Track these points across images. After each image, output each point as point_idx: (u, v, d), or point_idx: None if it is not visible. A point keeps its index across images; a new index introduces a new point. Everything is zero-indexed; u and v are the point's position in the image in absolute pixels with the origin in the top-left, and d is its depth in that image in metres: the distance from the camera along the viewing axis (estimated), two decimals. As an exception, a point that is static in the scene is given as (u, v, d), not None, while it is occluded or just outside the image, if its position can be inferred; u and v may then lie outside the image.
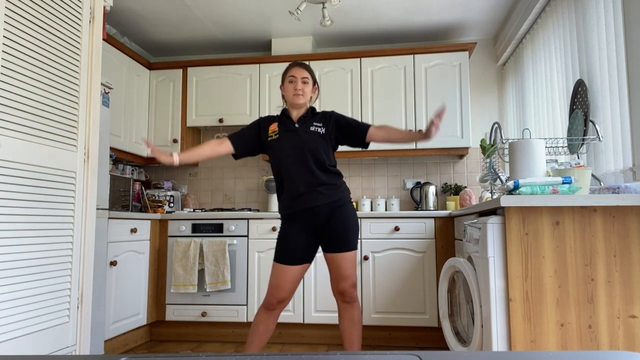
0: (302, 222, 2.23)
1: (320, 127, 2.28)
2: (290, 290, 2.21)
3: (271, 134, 2.30)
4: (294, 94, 2.27)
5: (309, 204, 2.20)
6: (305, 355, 0.58)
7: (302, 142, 2.23)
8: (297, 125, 2.28)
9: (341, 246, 2.20)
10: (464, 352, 0.59)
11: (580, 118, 2.39)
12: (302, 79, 2.28)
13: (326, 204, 2.21)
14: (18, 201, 1.87)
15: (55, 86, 2.06)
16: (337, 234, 2.20)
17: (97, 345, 2.72)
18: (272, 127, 2.31)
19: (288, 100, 2.31)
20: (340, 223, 2.21)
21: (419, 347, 3.24)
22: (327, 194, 2.21)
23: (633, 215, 1.66)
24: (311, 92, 2.33)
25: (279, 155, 2.25)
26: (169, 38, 4.07)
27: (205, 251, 3.36)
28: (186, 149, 4.02)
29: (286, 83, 2.30)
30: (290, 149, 2.23)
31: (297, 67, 2.29)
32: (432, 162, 4.02)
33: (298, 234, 2.22)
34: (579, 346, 1.64)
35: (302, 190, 2.20)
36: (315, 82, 2.36)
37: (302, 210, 2.21)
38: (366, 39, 4.10)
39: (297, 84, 2.26)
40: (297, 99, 2.27)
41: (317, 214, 2.21)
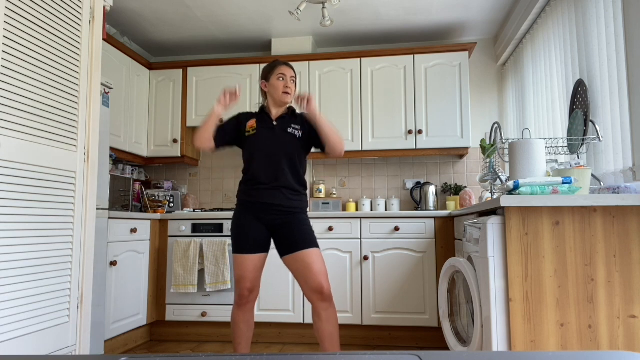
0: (258, 214, 2.25)
1: (297, 130, 2.31)
2: (255, 278, 2.23)
3: (249, 129, 2.31)
4: (283, 91, 2.27)
5: (270, 199, 2.23)
6: (305, 355, 0.58)
7: (278, 142, 2.26)
8: (275, 123, 2.29)
9: (304, 244, 2.19)
10: (464, 352, 0.59)
11: (580, 118, 2.39)
12: (291, 77, 2.30)
13: (286, 206, 2.24)
14: (18, 201, 1.87)
15: (55, 86, 2.06)
16: (297, 234, 2.21)
17: (97, 345, 2.72)
18: (250, 122, 2.32)
19: (275, 97, 2.30)
20: (298, 225, 2.23)
21: (419, 347, 3.24)
22: (290, 198, 2.25)
23: (633, 215, 1.66)
24: None
25: (253, 150, 2.27)
26: (169, 38, 4.07)
27: (205, 251, 3.36)
28: (186, 149, 4.02)
29: (273, 79, 2.30)
30: (265, 146, 2.25)
31: (286, 66, 2.31)
32: (432, 162, 4.02)
33: (253, 224, 2.24)
34: (579, 346, 1.64)
35: (267, 185, 2.23)
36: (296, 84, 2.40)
37: (261, 203, 2.23)
38: (366, 39, 4.10)
39: (287, 81, 2.28)
40: (286, 98, 2.29)
41: (275, 213, 2.23)
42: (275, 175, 2.24)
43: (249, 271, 2.23)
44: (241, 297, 2.24)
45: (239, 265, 2.23)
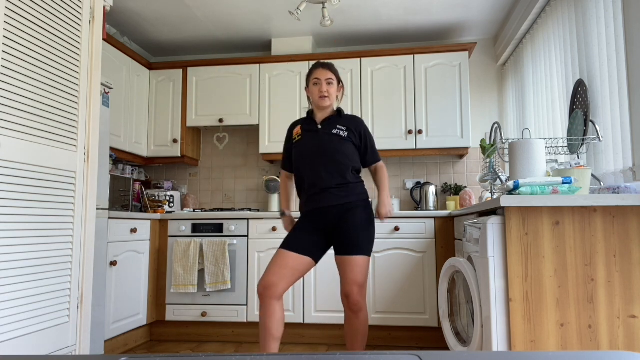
0: (314, 221, 2.23)
1: (343, 131, 2.26)
2: (281, 276, 2.09)
3: (295, 136, 2.33)
4: (319, 96, 2.26)
5: (321, 203, 2.20)
6: (305, 355, 0.58)
7: (322, 143, 2.23)
8: (320, 126, 2.28)
9: (348, 249, 2.17)
10: (464, 352, 0.59)
11: (580, 118, 2.39)
12: (327, 80, 2.27)
13: (338, 205, 2.20)
14: (18, 201, 1.87)
15: (55, 86, 2.06)
16: (345, 237, 2.17)
17: (97, 345, 2.72)
18: (295, 130, 2.34)
19: (314, 102, 2.31)
20: (350, 226, 2.18)
21: (419, 347, 3.24)
22: (340, 196, 2.20)
23: (633, 215, 1.66)
24: (336, 92, 2.33)
25: (299, 155, 2.27)
26: (169, 38, 4.07)
27: (205, 251, 3.36)
28: (186, 149, 4.02)
29: (311, 85, 2.30)
30: (309, 149, 2.24)
31: (321, 69, 2.28)
32: (432, 162, 4.02)
33: (308, 229, 2.22)
34: (579, 346, 1.64)
35: (317, 189, 2.22)
36: (340, 81, 2.36)
37: (314, 210, 2.22)
38: (366, 39, 4.10)
39: (322, 86, 2.26)
40: (323, 102, 2.27)
41: (329, 214, 2.21)
42: (319, 178, 2.21)
43: (278, 266, 2.11)
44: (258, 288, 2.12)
45: (274, 257, 2.16)
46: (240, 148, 4.29)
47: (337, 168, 2.21)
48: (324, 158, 2.21)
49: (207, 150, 4.33)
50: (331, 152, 2.21)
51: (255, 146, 4.27)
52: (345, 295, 2.18)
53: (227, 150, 4.30)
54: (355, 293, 2.16)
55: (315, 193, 2.22)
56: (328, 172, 2.20)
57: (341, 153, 2.22)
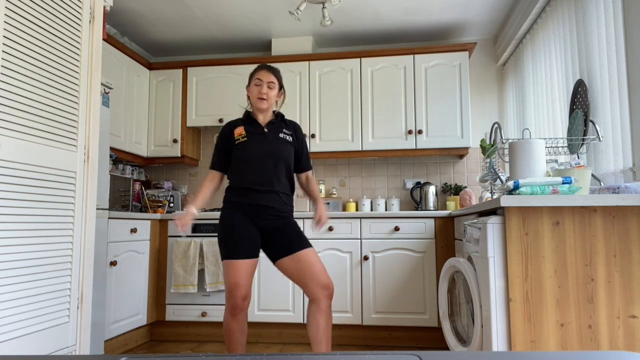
0: (251, 217, 2.22)
1: (289, 136, 2.31)
2: (248, 285, 2.14)
3: (237, 136, 2.27)
4: (258, 97, 2.25)
5: (267, 202, 2.21)
6: (305, 355, 0.58)
7: (273, 147, 2.24)
8: (266, 129, 2.28)
9: (302, 244, 2.21)
10: (464, 352, 0.59)
11: (580, 118, 2.39)
12: (268, 83, 2.25)
13: (281, 211, 2.25)
14: (18, 201, 1.87)
15: (55, 86, 2.06)
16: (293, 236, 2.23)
17: (97, 345, 2.72)
18: (237, 130, 2.29)
19: (252, 103, 2.31)
20: (291, 228, 2.26)
21: (419, 347, 3.24)
22: (285, 202, 2.27)
23: (633, 215, 1.66)
24: (276, 96, 2.32)
25: (246, 156, 2.24)
26: (169, 38, 4.07)
27: (205, 251, 3.36)
28: (186, 149, 4.02)
29: (252, 85, 2.29)
30: (259, 152, 2.23)
31: (265, 71, 2.28)
32: (432, 162, 4.02)
33: (246, 227, 2.19)
34: (579, 346, 1.64)
35: (263, 189, 2.22)
36: (282, 87, 2.35)
37: (257, 206, 2.21)
38: (366, 39, 4.10)
39: (262, 87, 2.25)
40: (261, 103, 2.25)
41: (270, 216, 2.22)
42: (270, 180, 2.22)
43: (243, 278, 2.12)
44: (235, 307, 2.12)
45: (232, 272, 2.12)
46: (240, 148, 4.29)
47: (286, 172, 2.28)
48: (274, 161, 2.23)
49: (207, 150, 4.33)
50: (281, 156, 2.25)
51: (255, 146, 4.26)
52: (323, 286, 2.16)
53: (227, 150, 4.30)
54: (328, 280, 2.19)
55: (263, 192, 2.22)
56: (277, 175, 2.24)
57: (290, 158, 2.29)
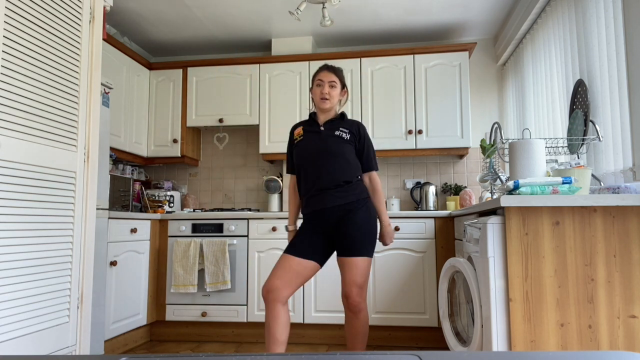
0: (316, 224, 2.22)
1: (346, 133, 2.26)
2: (284, 280, 2.11)
3: (296, 136, 2.32)
4: (320, 97, 2.27)
5: (321, 205, 2.19)
6: (305, 355, 0.58)
7: (324, 144, 2.22)
8: (322, 128, 2.28)
9: (348, 251, 2.16)
10: (464, 352, 0.59)
11: (580, 118, 2.39)
12: (330, 82, 2.27)
13: (337, 206, 2.19)
14: (18, 201, 1.87)
15: (55, 86, 2.06)
16: (346, 238, 2.17)
17: (97, 345, 2.72)
18: (297, 131, 2.34)
19: (316, 103, 2.32)
20: (350, 227, 2.17)
21: (419, 347, 3.24)
22: (339, 196, 2.19)
23: (633, 215, 1.66)
24: (339, 95, 2.33)
25: (300, 156, 2.26)
26: (169, 38, 4.07)
27: (205, 251, 3.36)
28: (186, 149, 4.02)
29: (314, 87, 2.31)
30: (311, 149, 2.24)
31: (325, 71, 2.30)
32: (432, 162, 4.02)
33: (310, 233, 2.22)
34: (579, 346, 1.64)
35: (315, 191, 2.21)
36: (344, 85, 2.36)
37: (315, 211, 2.21)
38: (366, 39, 4.10)
39: (324, 87, 2.27)
40: (324, 104, 2.27)
41: (329, 216, 2.20)
42: (319, 178, 2.20)
43: (282, 270, 2.13)
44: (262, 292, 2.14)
45: (277, 262, 2.18)
46: (240, 148, 4.29)
47: (339, 169, 2.20)
48: (325, 158, 2.21)
49: (207, 150, 4.33)
50: (333, 152, 2.21)
51: (255, 146, 4.27)
52: (345, 296, 2.18)
53: (227, 150, 4.30)
54: (355, 294, 2.15)
55: (315, 194, 2.21)
56: (329, 172, 2.20)
57: (343, 154, 2.22)
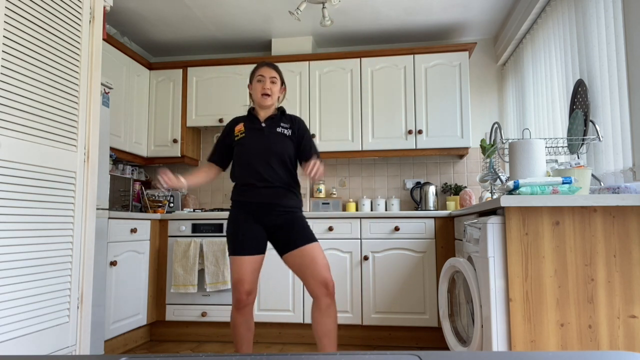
0: (255, 215, 2.24)
1: (287, 129, 2.30)
2: (253, 281, 2.20)
3: (237, 133, 2.32)
4: (262, 93, 2.28)
5: (268, 199, 2.22)
6: (305, 355, 0.58)
7: (268, 141, 2.25)
8: (263, 124, 2.29)
9: (305, 239, 2.20)
10: (464, 352, 0.59)
11: (580, 118, 2.39)
12: (271, 78, 2.29)
13: (285, 206, 2.24)
14: (18, 201, 1.87)
15: (55, 86, 2.06)
16: (297, 231, 2.21)
17: (97, 345, 2.72)
18: (237, 127, 2.33)
19: (256, 100, 2.32)
20: (297, 223, 2.24)
21: (419, 347, 3.24)
22: (288, 196, 2.26)
23: (633, 215, 1.66)
24: (279, 92, 2.35)
25: (243, 152, 2.27)
26: (169, 38, 4.07)
27: (205, 251, 3.36)
28: (186, 149, 4.02)
29: (254, 82, 2.32)
30: (255, 147, 2.25)
31: (266, 67, 2.31)
32: (432, 162, 4.02)
33: (250, 225, 2.23)
34: (579, 346, 1.64)
35: (263, 184, 2.23)
36: (283, 82, 2.38)
37: (259, 204, 2.23)
38: (366, 39, 4.10)
39: (266, 83, 2.28)
40: (265, 100, 2.28)
41: (274, 212, 2.23)
42: (267, 175, 2.23)
43: (247, 273, 2.19)
44: (239, 301, 2.20)
45: (236, 268, 2.20)
46: (240, 148, 4.29)
47: (284, 166, 2.26)
48: (271, 156, 2.23)
49: (207, 150, 4.33)
50: (278, 150, 2.24)
51: (255, 146, 4.26)
52: (321, 283, 2.16)
53: (227, 150, 4.30)
54: (330, 278, 2.18)
55: (263, 187, 2.23)
56: (275, 170, 2.24)
57: (287, 151, 2.26)
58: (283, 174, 2.26)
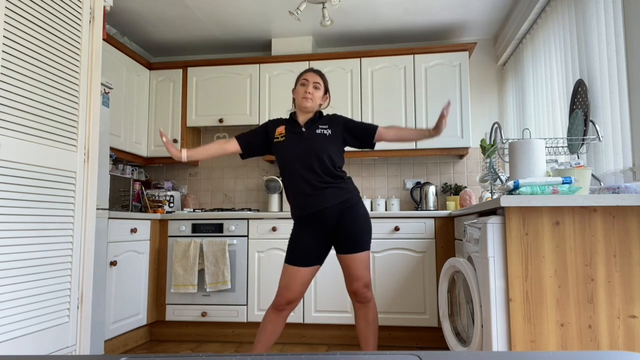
0: (312, 225, 2.23)
1: (326, 129, 2.28)
2: (299, 291, 2.22)
3: (277, 135, 2.31)
4: (303, 96, 2.27)
5: (316, 207, 2.20)
6: (305, 355, 0.58)
7: (308, 145, 2.23)
8: (303, 129, 2.28)
9: (351, 247, 2.20)
10: (464, 352, 0.59)
11: (580, 118, 2.39)
12: (314, 83, 2.29)
13: (334, 205, 2.21)
14: (18, 201, 1.87)
15: (55, 86, 2.06)
16: (347, 235, 2.20)
17: (97, 345, 2.72)
18: (279, 129, 2.33)
19: (297, 103, 2.32)
20: (349, 224, 2.20)
21: (419, 347, 3.24)
22: (334, 195, 2.21)
23: (633, 215, 1.66)
24: (321, 99, 2.33)
25: (285, 158, 2.26)
26: (169, 38, 4.07)
27: (205, 251, 3.36)
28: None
29: (298, 86, 2.32)
30: (296, 152, 2.24)
31: (311, 72, 2.32)
32: (432, 162, 4.02)
33: (308, 236, 2.23)
34: (579, 346, 1.64)
35: (309, 192, 2.21)
36: (327, 90, 2.37)
37: (310, 214, 2.22)
38: (366, 39, 4.10)
39: (308, 87, 2.28)
40: (305, 102, 2.27)
41: (326, 216, 2.21)
42: (311, 181, 2.20)
43: (294, 284, 2.21)
44: (278, 304, 2.24)
45: (286, 275, 2.23)
46: (240, 148, 4.29)
47: (326, 168, 2.23)
48: (312, 159, 2.21)
49: (207, 150, 4.32)
50: (318, 152, 2.22)
51: (255, 146, 4.27)
52: (353, 292, 2.24)
53: (227, 150, 4.30)
54: (362, 287, 2.22)
55: (308, 195, 2.21)
56: (317, 173, 2.21)
57: (327, 152, 2.23)
58: (326, 175, 2.22)
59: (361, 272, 2.21)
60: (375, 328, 2.27)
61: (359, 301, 2.25)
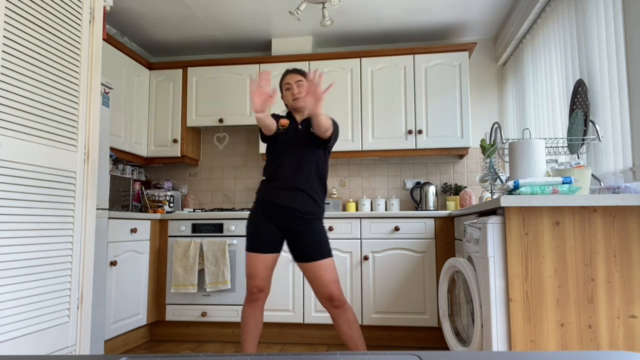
0: (273, 215, 2.26)
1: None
2: (266, 278, 2.26)
3: (281, 126, 2.36)
4: (293, 99, 2.34)
5: (287, 202, 2.24)
6: (305, 355, 0.58)
7: (301, 143, 2.29)
8: (300, 127, 2.34)
9: (314, 255, 2.22)
10: (464, 352, 0.59)
11: (580, 118, 2.39)
12: (297, 82, 2.34)
13: (303, 212, 2.24)
14: (18, 201, 1.87)
15: (55, 86, 2.06)
16: (309, 245, 2.23)
17: (97, 345, 2.72)
18: (283, 120, 2.38)
19: (290, 106, 2.38)
20: (311, 235, 2.24)
21: (419, 347, 3.24)
22: (308, 202, 2.26)
23: (633, 215, 1.66)
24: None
25: (277, 149, 2.31)
26: (169, 38, 4.07)
27: (205, 251, 3.36)
28: (186, 149, 4.02)
29: (284, 92, 2.39)
30: (290, 146, 2.29)
31: (289, 74, 2.38)
32: (432, 162, 4.02)
33: (268, 225, 2.27)
34: (579, 346, 1.64)
35: (287, 184, 2.25)
36: None
37: (277, 206, 2.25)
38: (366, 39, 4.10)
39: (293, 89, 2.34)
40: (298, 103, 2.33)
41: (291, 217, 2.24)
42: (294, 175, 2.25)
43: (260, 271, 2.26)
44: (251, 293, 2.28)
45: (250, 263, 2.27)
46: (240, 148, 4.29)
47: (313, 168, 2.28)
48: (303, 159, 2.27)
49: (207, 150, 4.33)
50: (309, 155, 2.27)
51: (255, 146, 4.27)
52: (328, 298, 2.23)
53: (227, 150, 4.30)
54: (336, 292, 2.22)
55: (285, 188, 2.25)
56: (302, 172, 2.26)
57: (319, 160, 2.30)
58: (310, 176, 2.28)
59: (331, 276, 2.22)
60: (358, 328, 2.26)
61: (336, 306, 2.23)
